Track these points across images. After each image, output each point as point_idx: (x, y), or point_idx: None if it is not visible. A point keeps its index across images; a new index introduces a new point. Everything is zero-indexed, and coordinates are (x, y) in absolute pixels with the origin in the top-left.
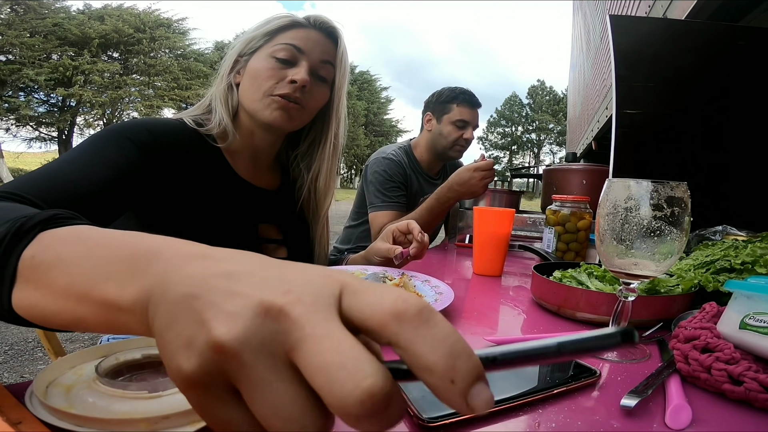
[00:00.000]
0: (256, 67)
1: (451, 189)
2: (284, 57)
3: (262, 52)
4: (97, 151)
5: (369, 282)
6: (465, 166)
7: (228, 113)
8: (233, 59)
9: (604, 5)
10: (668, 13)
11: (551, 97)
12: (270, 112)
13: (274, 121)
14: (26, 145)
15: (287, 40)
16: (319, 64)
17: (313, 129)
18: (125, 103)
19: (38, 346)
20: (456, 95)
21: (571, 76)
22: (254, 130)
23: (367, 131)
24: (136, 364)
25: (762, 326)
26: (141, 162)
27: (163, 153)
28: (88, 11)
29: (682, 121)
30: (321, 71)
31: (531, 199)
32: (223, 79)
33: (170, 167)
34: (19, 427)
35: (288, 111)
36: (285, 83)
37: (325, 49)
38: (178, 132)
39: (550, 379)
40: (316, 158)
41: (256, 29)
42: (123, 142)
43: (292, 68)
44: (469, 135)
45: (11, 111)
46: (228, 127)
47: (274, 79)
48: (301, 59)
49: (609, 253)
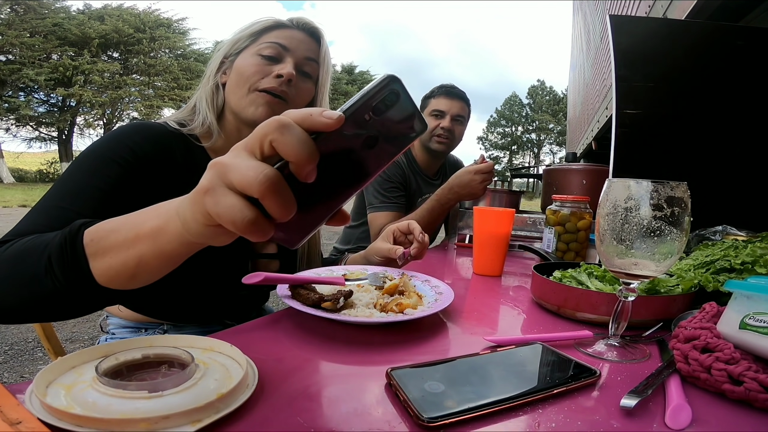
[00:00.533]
0: (243, 65)
1: (452, 190)
2: (270, 54)
3: (248, 51)
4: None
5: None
6: (465, 169)
7: (213, 112)
8: (219, 60)
9: (604, 5)
10: (668, 13)
11: (551, 97)
12: (255, 108)
13: (258, 118)
14: (26, 145)
15: (272, 39)
16: (304, 60)
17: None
18: (125, 103)
19: (38, 346)
20: (434, 90)
21: (571, 76)
22: (240, 128)
23: None
24: (136, 364)
25: (762, 326)
26: (126, 179)
27: (146, 163)
28: (88, 11)
29: (682, 121)
30: (305, 67)
31: (531, 199)
32: (209, 79)
33: (156, 175)
34: (19, 427)
35: (272, 107)
36: (271, 78)
37: (309, 47)
38: (165, 134)
39: (550, 379)
40: None
41: (241, 31)
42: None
43: (277, 64)
44: (446, 123)
45: (11, 111)
46: (213, 126)
47: (259, 74)
48: (286, 56)
49: (609, 253)
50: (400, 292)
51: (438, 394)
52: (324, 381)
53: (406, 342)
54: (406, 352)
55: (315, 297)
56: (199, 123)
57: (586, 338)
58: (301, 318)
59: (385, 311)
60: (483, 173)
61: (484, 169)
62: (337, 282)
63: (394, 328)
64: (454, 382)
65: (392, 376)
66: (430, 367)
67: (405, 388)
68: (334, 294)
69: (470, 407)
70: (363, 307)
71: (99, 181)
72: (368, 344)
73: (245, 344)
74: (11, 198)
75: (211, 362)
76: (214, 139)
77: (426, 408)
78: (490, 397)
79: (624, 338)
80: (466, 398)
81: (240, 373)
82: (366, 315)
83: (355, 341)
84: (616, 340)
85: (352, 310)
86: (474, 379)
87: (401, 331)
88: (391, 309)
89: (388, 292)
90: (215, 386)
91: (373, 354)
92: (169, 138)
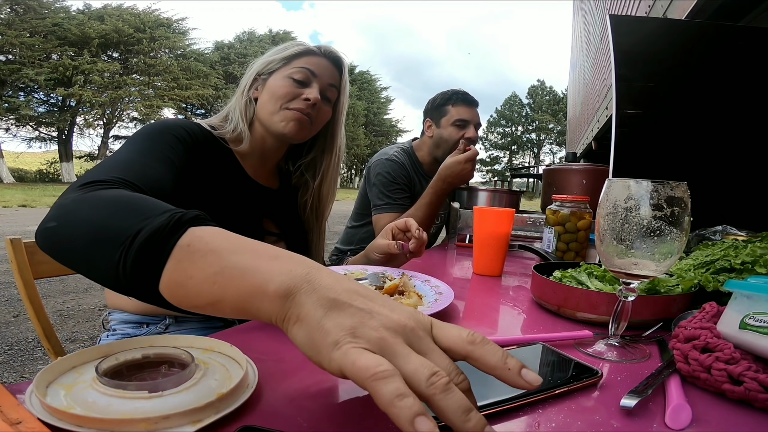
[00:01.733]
0: (275, 85)
1: (445, 181)
2: (300, 78)
3: (280, 73)
4: (159, 149)
5: (446, 324)
6: (455, 159)
7: (245, 122)
8: (252, 77)
9: (604, 5)
10: (668, 13)
11: (551, 97)
12: (285, 123)
13: (288, 132)
14: (26, 145)
15: (303, 64)
16: (327, 86)
17: (317, 142)
18: (125, 103)
19: (38, 346)
20: (449, 96)
21: (571, 76)
22: (266, 137)
23: (367, 131)
24: (136, 364)
25: (762, 326)
26: (186, 159)
27: (197, 150)
28: (88, 11)
29: (682, 121)
30: (327, 93)
31: (531, 199)
32: (243, 94)
33: (199, 163)
34: (19, 427)
35: (301, 123)
36: (299, 100)
37: (332, 75)
38: (203, 132)
39: (551, 380)
40: (320, 168)
41: (274, 53)
42: (172, 141)
43: (305, 88)
44: (472, 134)
45: (11, 111)
46: (244, 133)
47: (290, 96)
48: (313, 81)
49: (609, 253)
50: (400, 292)
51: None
52: (324, 381)
53: None
54: None
55: None
56: (230, 130)
57: (586, 338)
58: None
59: None
60: (471, 160)
61: (472, 156)
62: None
63: None
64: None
65: None
66: None
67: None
68: None
69: None
70: None
71: (172, 154)
72: None
73: (245, 344)
74: (11, 198)
75: (211, 362)
76: (244, 144)
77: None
78: (488, 398)
79: (624, 338)
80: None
81: (240, 373)
82: None
83: None
84: (616, 340)
85: None
86: (472, 380)
87: None
88: None
89: (388, 292)
90: (215, 386)
91: None
92: (207, 135)
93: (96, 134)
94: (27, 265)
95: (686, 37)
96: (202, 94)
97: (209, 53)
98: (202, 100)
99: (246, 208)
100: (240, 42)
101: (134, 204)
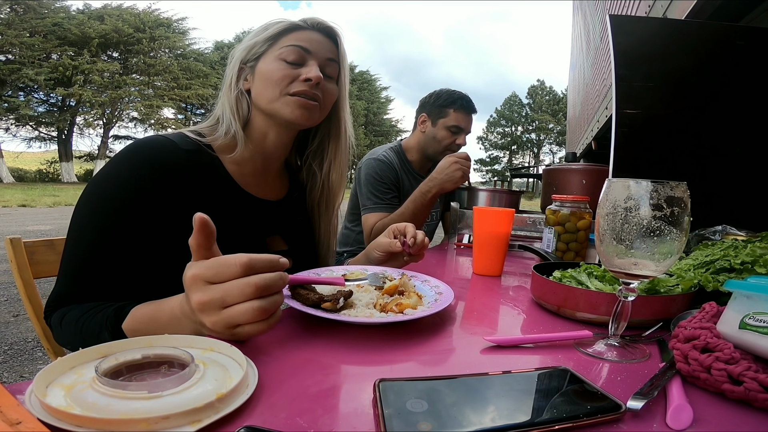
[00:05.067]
0: (267, 70)
1: (432, 179)
2: (293, 59)
3: (269, 56)
4: (114, 220)
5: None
6: (447, 160)
7: (238, 121)
8: (237, 67)
9: (604, 5)
10: (668, 13)
11: (551, 97)
12: (291, 110)
13: (296, 119)
14: (26, 145)
15: (292, 42)
16: (326, 62)
17: (322, 126)
18: (125, 103)
19: (38, 346)
20: (454, 100)
21: (571, 76)
22: (268, 131)
23: (367, 131)
24: (136, 364)
25: (762, 326)
26: (152, 202)
27: (168, 183)
28: (87, 11)
29: (682, 121)
30: (327, 69)
31: (531, 199)
32: (231, 88)
33: (177, 194)
34: (19, 428)
35: (309, 109)
36: (299, 82)
37: (328, 48)
38: (179, 153)
39: (556, 412)
40: (328, 153)
41: (255, 35)
42: (127, 198)
43: (301, 68)
44: (462, 141)
45: (11, 111)
46: (238, 135)
47: (288, 79)
48: (308, 59)
49: (609, 253)
50: (400, 292)
51: (416, 413)
52: (324, 381)
53: (406, 342)
54: (406, 352)
55: (315, 297)
56: (222, 133)
57: (586, 338)
58: (300, 318)
59: (385, 311)
60: (466, 162)
61: (464, 157)
62: (336, 282)
63: (394, 328)
64: (443, 402)
65: (377, 388)
66: (424, 381)
67: (384, 402)
68: (334, 294)
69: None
70: (363, 308)
71: (125, 216)
72: (368, 344)
73: (245, 344)
74: (11, 198)
75: (211, 362)
76: (238, 149)
77: (394, 426)
78: (478, 424)
79: (624, 338)
80: (448, 422)
81: (240, 373)
82: (366, 315)
83: (355, 341)
84: (615, 340)
85: (352, 310)
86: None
87: (401, 331)
88: (390, 309)
89: (388, 292)
90: (215, 386)
91: (373, 354)
92: (183, 155)
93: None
94: (27, 265)
95: (686, 37)
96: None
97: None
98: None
99: (244, 230)
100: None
101: (86, 329)
